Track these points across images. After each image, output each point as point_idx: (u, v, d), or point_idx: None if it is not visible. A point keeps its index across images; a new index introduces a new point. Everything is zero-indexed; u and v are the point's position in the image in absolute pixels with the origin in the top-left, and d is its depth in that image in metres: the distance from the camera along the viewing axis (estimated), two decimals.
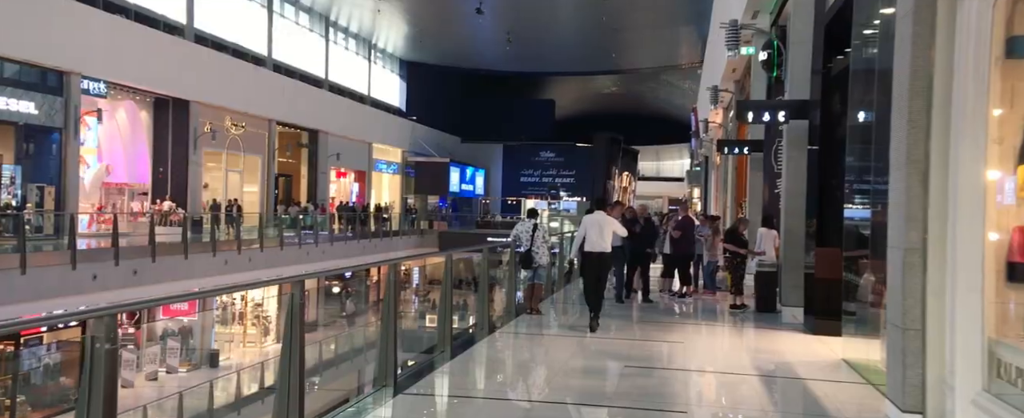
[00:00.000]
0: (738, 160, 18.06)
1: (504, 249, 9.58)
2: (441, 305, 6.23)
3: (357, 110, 38.12)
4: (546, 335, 8.57)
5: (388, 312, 5.04)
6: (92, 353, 2.85)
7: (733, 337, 9.11)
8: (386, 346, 4.96)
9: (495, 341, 7.56)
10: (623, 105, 61.87)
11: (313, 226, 27.60)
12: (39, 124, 18.68)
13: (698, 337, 8.80)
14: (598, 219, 8.97)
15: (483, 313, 7.34)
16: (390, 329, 4.99)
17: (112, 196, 24.43)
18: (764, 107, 9.84)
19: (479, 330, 7.40)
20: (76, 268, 15.75)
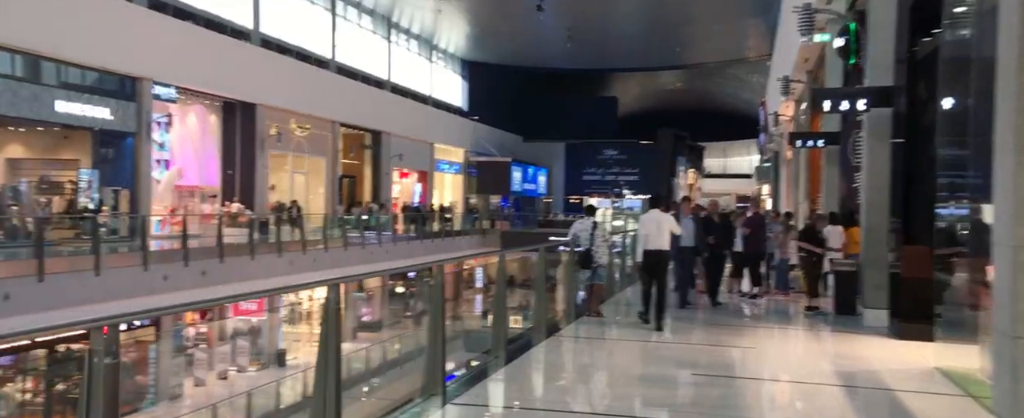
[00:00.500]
0: (811, 154, 17.23)
1: (563, 248, 9.23)
2: (494, 308, 5.92)
3: (419, 111, 38.30)
4: (607, 339, 8.20)
5: (435, 317, 4.76)
6: (90, 369, 2.61)
7: (810, 341, 8.55)
8: (434, 353, 4.67)
9: (553, 345, 7.23)
10: (688, 101, 60.57)
11: (376, 226, 27.80)
12: (114, 129, 19.24)
13: (771, 342, 8.29)
14: (655, 217, 8.92)
15: (541, 315, 7.01)
16: (437, 335, 4.71)
17: (184, 198, 25.06)
18: (842, 95, 9.20)
19: (536, 333, 7.07)
20: (148, 269, 16.10)
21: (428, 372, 4.79)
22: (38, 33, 16.39)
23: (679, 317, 9.26)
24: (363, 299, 31.21)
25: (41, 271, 13.39)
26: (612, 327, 8.92)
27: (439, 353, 4.71)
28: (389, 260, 26.20)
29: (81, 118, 18.15)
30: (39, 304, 13.04)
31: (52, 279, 13.70)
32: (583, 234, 9.05)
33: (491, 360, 5.87)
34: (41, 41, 16.57)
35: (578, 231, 9.13)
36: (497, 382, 5.68)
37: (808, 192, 17.36)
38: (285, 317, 27.30)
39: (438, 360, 4.71)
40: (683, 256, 9.95)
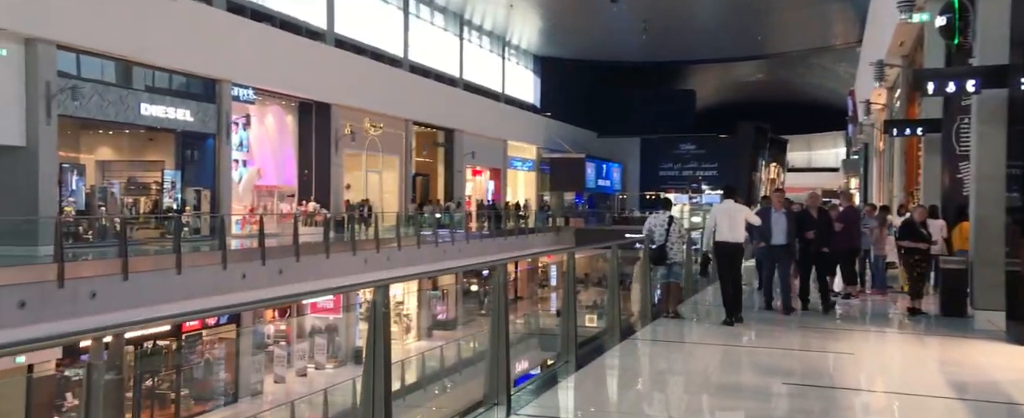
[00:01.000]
0: (907, 143, 16.09)
1: (639, 245, 8.69)
2: (563, 310, 5.49)
3: (491, 108, 38.15)
4: (686, 342, 7.66)
5: (498, 320, 4.36)
6: (89, 386, 2.26)
7: (915, 347, 7.77)
8: (497, 358, 4.28)
9: (627, 349, 6.75)
10: (769, 93, 58.46)
11: (449, 224, 27.77)
12: (195, 131, 19.73)
13: (870, 346, 7.56)
14: (728, 208, 8.70)
15: (614, 317, 6.55)
16: (501, 339, 4.32)
17: (263, 198, 25.62)
18: (949, 76, 8.32)
19: (609, 336, 6.61)
20: (226, 268, 16.36)
21: (491, 379, 4.38)
22: (124, 38, 16.92)
23: (765, 319, 8.60)
24: (437, 297, 31.34)
25: (125, 270, 13.73)
26: (692, 329, 8.37)
27: (503, 359, 4.30)
28: (462, 258, 26.08)
29: (164, 120, 18.67)
30: (123, 302, 13.38)
31: (136, 278, 14.04)
32: (658, 229, 8.54)
33: (560, 365, 5.46)
34: (127, 46, 17.11)
35: (653, 226, 8.62)
36: (566, 390, 5.26)
37: (904, 184, 16.20)
38: (362, 315, 27.67)
39: (502, 366, 4.30)
40: (774, 255, 9.06)
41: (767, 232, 8.86)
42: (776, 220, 8.99)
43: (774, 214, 9.06)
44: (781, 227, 8.95)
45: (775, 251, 9.00)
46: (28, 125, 15.09)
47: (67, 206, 16.66)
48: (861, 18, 29.33)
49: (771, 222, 8.90)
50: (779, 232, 8.94)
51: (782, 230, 8.96)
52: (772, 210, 9.15)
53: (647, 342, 7.29)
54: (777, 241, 8.95)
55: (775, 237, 8.93)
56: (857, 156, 31.90)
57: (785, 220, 8.99)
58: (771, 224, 8.87)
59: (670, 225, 8.52)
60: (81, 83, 15.85)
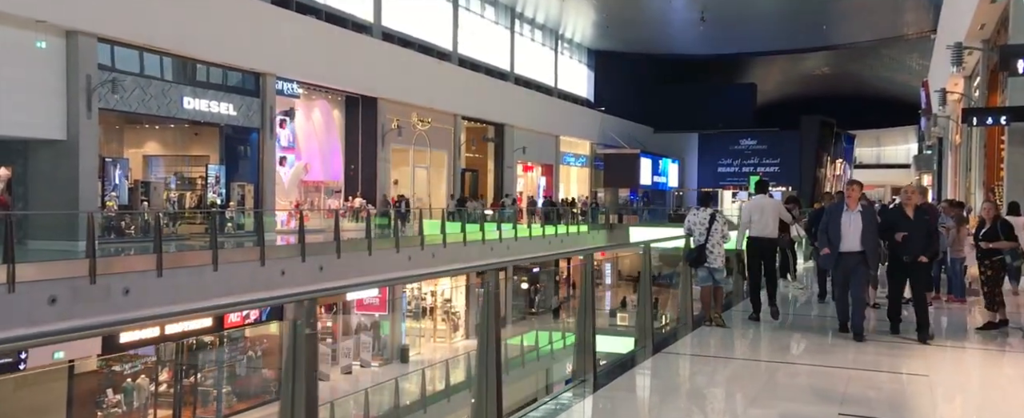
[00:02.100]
0: (987, 135, 14.71)
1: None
2: (578, 322, 4.73)
3: (543, 102, 37.41)
4: (728, 358, 6.71)
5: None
6: None
7: (1004, 368, 6.67)
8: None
9: (660, 365, 5.89)
10: (836, 86, 56.14)
11: (500, 221, 27.19)
12: (239, 125, 19.59)
13: (948, 366, 6.44)
14: (759, 203, 8.46)
15: (645, 328, 5.75)
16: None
17: (310, 193, 25.49)
18: None
19: (640, 349, 5.81)
20: (264, 264, 16.06)
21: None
22: (166, 31, 16.82)
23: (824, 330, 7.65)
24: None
25: (160, 266, 13.50)
26: (735, 340, 7.45)
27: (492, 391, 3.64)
28: (509, 255, 25.42)
29: (207, 114, 18.55)
30: (156, 299, 13.15)
31: (171, 274, 13.80)
32: (698, 228, 7.69)
33: (576, 385, 4.71)
34: (169, 39, 17.00)
35: (693, 224, 7.76)
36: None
37: (983, 179, 14.82)
38: (409, 312, 27.32)
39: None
40: (846, 265, 7.25)
41: (835, 235, 7.22)
42: (849, 221, 7.24)
43: (846, 214, 7.25)
44: (856, 229, 7.18)
45: (846, 260, 7.23)
46: (69, 119, 15.07)
47: (109, 201, 16.65)
48: (936, 4, 27.50)
49: (841, 223, 7.23)
50: (852, 235, 7.18)
51: (857, 233, 7.18)
52: (844, 209, 7.29)
53: (683, 357, 6.43)
54: (848, 247, 7.18)
55: (846, 242, 7.18)
56: (930, 151, 30.02)
57: (861, 220, 7.22)
58: (841, 226, 7.21)
59: (712, 224, 7.61)
60: (122, 76, 15.76)
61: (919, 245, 7.14)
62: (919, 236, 7.15)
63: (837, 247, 7.22)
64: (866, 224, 7.19)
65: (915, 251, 7.14)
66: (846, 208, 7.28)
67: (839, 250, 7.23)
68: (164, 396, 17.00)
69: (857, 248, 7.18)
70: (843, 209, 7.30)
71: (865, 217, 7.22)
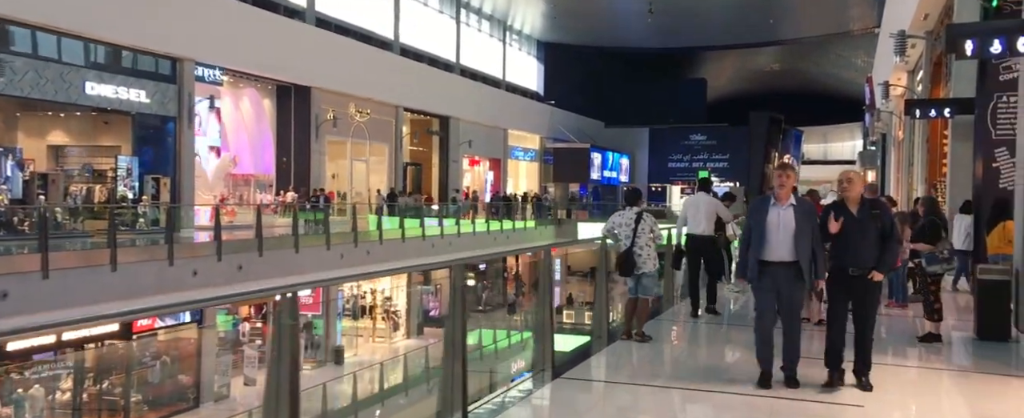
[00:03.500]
0: (931, 130, 14.29)
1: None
2: (445, 350, 3.89)
3: (491, 95, 36.50)
4: (635, 385, 5.49)
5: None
6: None
7: (945, 390, 5.74)
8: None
9: (556, 395, 5.00)
10: (785, 83, 56.57)
11: (447, 216, 26.27)
12: (152, 113, 18.24)
13: (888, 393, 5.28)
14: (696, 200, 8.10)
15: (543, 349, 4.89)
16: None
17: (239, 188, 24.16)
18: (992, 32, 6.46)
19: (537, 374, 4.95)
20: (173, 264, 14.83)
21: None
22: (66, 9, 15.40)
23: (746, 344, 6.86)
24: (430, 292, 29.84)
25: (45, 266, 12.22)
26: (651, 361, 6.36)
27: None
28: (451, 252, 24.46)
29: (114, 101, 17.17)
30: (39, 304, 11.87)
31: (60, 276, 12.53)
32: (623, 229, 6.71)
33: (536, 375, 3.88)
34: (68, 18, 15.58)
35: (616, 225, 6.78)
36: None
37: (926, 176, 14.41)
38: (347, 311, 26.20)
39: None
40: (773, 281, 5.27)
41: (759, 240, 5.24)
42: (777, 219, 5.26)
43: (774, 209, 5.28)
44: (786, 231, 5.22)
45: (773, 274, 5.24)
46: None
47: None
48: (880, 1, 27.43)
49: (766, 223, 5.25)
50: (782, 240, 5.22)
51: (787, 236, 5.21)
52: (771, 203, 5.32)
53: (581, 385, 5.35)
54: (777, 255, 5.21)
55: (773, 248, 5.22)
56: (874, 147, 29.99)
57: (794, 219, 5.23)
58: (766, 226, 5.24)
59: (638, 224, 6.62)
60: (9, 57, 14.34)
61: (868, 252, 5.20)
62: (867, 240, 5.18)
63: (760, 254, 5.21)
64: (801, 224, 5.18)
65: (863, 260, 5.20)
66: (774, 201, 5.30)
67: (761, 259, 5.21)
68: (63, 407, 15.68)
69: (788, 257, 5.17)
70: (770, 203, 5.31)
71: (800, 214, 5.21)
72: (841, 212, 5.30)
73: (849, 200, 5.38)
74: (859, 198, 5.38)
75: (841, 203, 5.42)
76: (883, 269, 5.33)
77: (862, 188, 5.50)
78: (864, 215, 5.31)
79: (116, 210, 17.43)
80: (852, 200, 5.37)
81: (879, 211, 5.34)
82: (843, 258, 5.33)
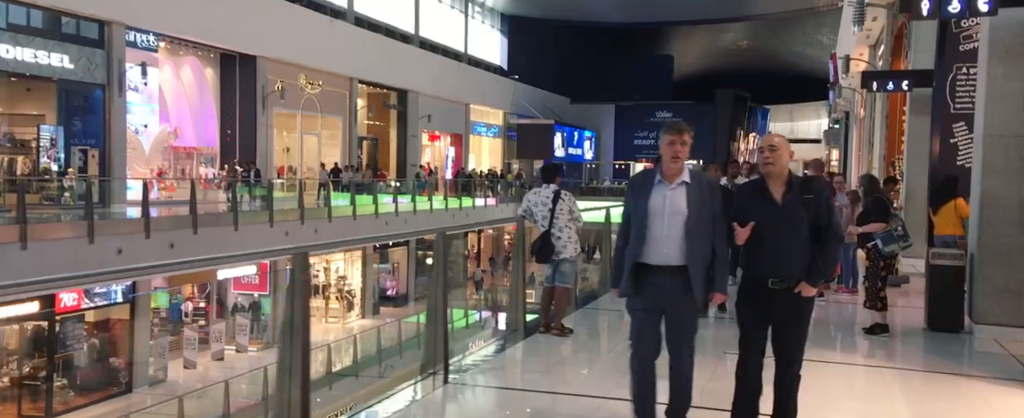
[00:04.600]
0: (890, 106, 13.80)
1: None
2: (280, 357, 3.22)
3: (452, 69, 35.50)
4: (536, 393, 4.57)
5: None
6: None
7: (886, 387, 4.98)
8: None
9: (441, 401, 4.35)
10: (753, 61, 56.26)
11: (396, 193, 25.48)
12: (78, 80, 17.08)
13: (824, 394, 4.59)
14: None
15: (434, 345, 4.19)
16: None
17: (182, 161, 23.05)
18: None
19: (426, 373, 4.23)
20: (94, 241, 13.89)
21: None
22: None
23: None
24: (387, 271, 29.06)
25: None
26: (565, 360, 5.50)
27: None
28: (404, 229, 23.69)
29: (32, 66, 16.01)
30: None
31: None
32: (540, 210, 5.91)
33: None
34: None
35: (532, 205, 5.99)
36: None
37: (884, 153, 13.95)
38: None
39: None
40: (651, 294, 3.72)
41: (639, 234, 3.70)
42: (662, 204, 3.69)
43: (658, 190, 3.68)
44: (675, 222, 3.66)
45: (654, 283, 3.72)
46: None
47: None
48: None
49: (648, 210, 3.68)
50: (667, 235, 3.67)
51: (676, 230, 3.66)
52: (656, 181, 3.72)
53: (474, 389, 4.52)
54: (659, 257, 3.69)
55: (654, 248, 3.67)
56: (838, 125, 29.69)
57: (687, 204, 3.66)
58: (647, 215, 3.68)
59: (556, 204, 5.84)
60: None
61: (796, 255, 3.63)
62: (796, 237, 3.62)
63: (638, 255, 3.64)
64: (696, 210, 3.60)
65: (788, 267, 3.63)
66: (660, 179, 3.67)
67: (639, 261, 3.64)
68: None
69: (677, 259, 3.59)
70: (655, 181, 3.69)
71: (696, 196, 3.62)
72: (758, 198, 3.68)
73: (772, 178, 3.69)
74: (787, 176, 3.69)
75: (760, 184, 3.73)
76: (816, 279, 3.66)
77: (784, 163, 3.69)
78: (793, 201, 3.62)
79: (38, 183, 16.39)
80: (776, 178, 3.68)
81: (813, 196, 3.64)
82: (760, 264, 3.65)
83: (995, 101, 5.88)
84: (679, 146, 3.70)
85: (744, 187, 4.08)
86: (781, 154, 3.75)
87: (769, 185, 3.74)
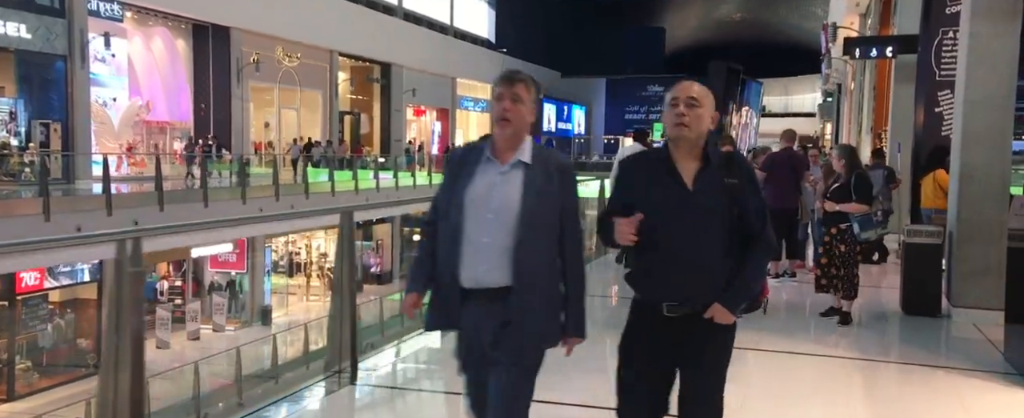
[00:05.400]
0: (878, 76, 13.25)
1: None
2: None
3: (438, 41, 34.74)
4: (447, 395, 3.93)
5: None
6: None
7: (849, 382, 4.42)
8: None
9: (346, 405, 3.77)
10: (748, 34, 55.52)
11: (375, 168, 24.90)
12: (36, 51, 16.41)
13: (771, 380, 4.20)
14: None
15: (340, 341, 3.70)
16: None
17: (154, 136, 22.44)
18: None
19: (331, 372, 3.74)
20: (50, 219, 13.34)
21: None
22: None
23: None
24: (371, 248, 28.60)
25: None
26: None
27: None
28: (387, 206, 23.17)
29: None
30: None
31: None
32: None
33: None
34: None
35: None
36: None
37: (872, 125, 13.43)
38: (282, 268, 24.88)
39: None
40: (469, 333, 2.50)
41: (451, 244, 2.44)
42: (488, 196, 2.43)
43: (485, 171, 2.49)
44: (502, 223, 2.41)
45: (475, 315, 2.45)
46: None
47: None
48: None
49: (463, 203, 2.45)
50: (489, 244, 2.40)
51: (502, 234, 2.40)
52: (483, 159, 2.51)
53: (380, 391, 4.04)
54: (477, 275, 2.41)
55: (467, 261, 2.43)
56: (831, 98, 29.14)
57: (521, 197, 2.41)
58: (463, 212, 2.44)
59: None
60: None
61: (709, 267, 2.43)
62: (710, 239, 2.42)
63: (455, 270, 2.41)
64: (531, 207, 2.40)
65: (696, 284, 2.43)
66: (488, 156, 2.49)
67: (444, 281, 2.44)
68: None
69: (502, 278, 2.37)
70: (481, 160, 2.50)
71: (535, 185, 2.42)
72: (655, 178, 2.47)
73: (681, 148, 2.46)
74: (701, 147, 2.47)
75: (661, 157, 2.50)
76: (736, 302, 2.43)
77: (713, 124, 2.52)
78: (710, 186, 2.42)
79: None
80: (688, 149, 2.46)
81: (738, 180, 2.44)
82: (652, 278, 2.47)
83: (978, 64, 5.35)
84: (508, 103, 2.44)
85: (636, 159, 2.63)
86: (701, 113, 2.46)
87: (675, 158, 2.44)
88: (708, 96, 2.55)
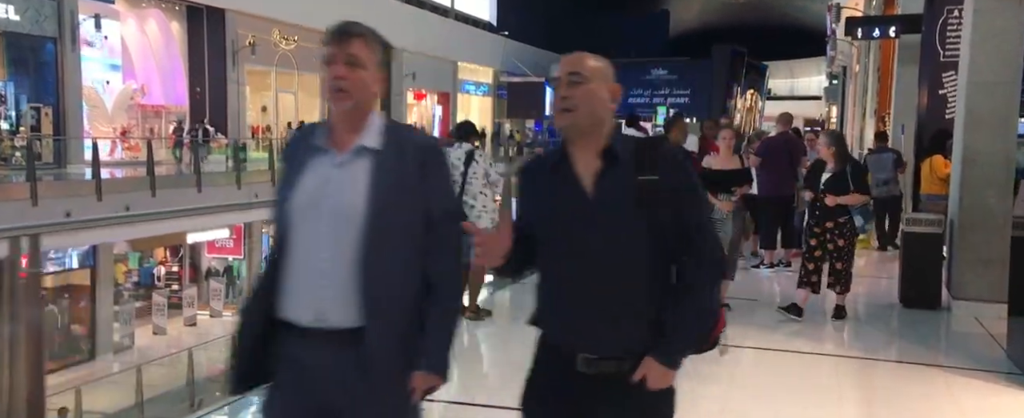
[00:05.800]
0: (883, 58, 12.91)
1: None
2: None
3: (438, 24, 34.34)
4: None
5: None
6: None
7: (839, 381, 4.14)
8: None
9: None
10: (753, 17, 54.85)
11: None
12: (25, 33, 16.15)
13: (760, 379, 4.01)
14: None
15: None
16: None
17: (150, 120, 22.22)
18: None
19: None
20: (37, 204, 13.15)
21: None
22: None
23: None
24: None
25: None
26: (466, 354, 4.62)
27: None
28: None
29: None
30: None
31: None
32: (453, 171, 5.05)
33: None
34: None
35: None
36: None
37: (876, 108, 13.10)
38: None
39: None
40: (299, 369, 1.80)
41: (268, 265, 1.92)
42: (315, 192, 1.83)
43: (315, 165, 1.91)
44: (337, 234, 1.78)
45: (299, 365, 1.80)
46: None
47: None
48: None
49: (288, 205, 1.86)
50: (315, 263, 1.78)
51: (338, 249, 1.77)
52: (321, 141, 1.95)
53: None
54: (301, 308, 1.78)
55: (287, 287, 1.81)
56: (836, 81, 28.73)
57: (365, 198, 1.78)
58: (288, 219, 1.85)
59: (468, 166, 5.08)
60: None
61: (626, 308, 1.78)
62: (621, 270, 1.78)
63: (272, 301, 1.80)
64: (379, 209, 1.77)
65: (610, 331, 1.79)
66: (326, 142, 1.93)
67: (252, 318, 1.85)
68: None
69: (342, 318, 1.74)
70: (315, 148, 1.92)
71: (385, 179, 1.81)
72: (548, 182, 1.91)
73: (573, 142, 1.91)
74: (606, 140, 1.90)
75: (558, 156, 1.91)
76: (674, 355, 1.78)
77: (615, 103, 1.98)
78: (616, 189, 1.82)
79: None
80: (583, 140, 1.90)
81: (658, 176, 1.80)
82: (555, 320, 1.88)
83: (983, 42, 5.05)
84: (342, 67, 1.91)
85: (530, 163, 2.08)
86: (591, 89, 1.90)
87: (573, 157, 1.86)
88: (600, 67, 1.94)
